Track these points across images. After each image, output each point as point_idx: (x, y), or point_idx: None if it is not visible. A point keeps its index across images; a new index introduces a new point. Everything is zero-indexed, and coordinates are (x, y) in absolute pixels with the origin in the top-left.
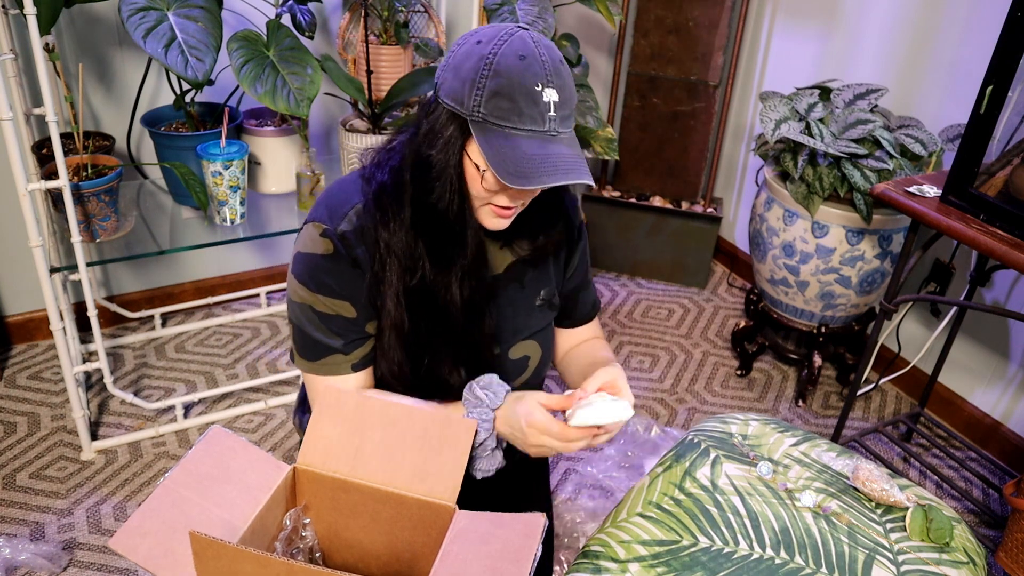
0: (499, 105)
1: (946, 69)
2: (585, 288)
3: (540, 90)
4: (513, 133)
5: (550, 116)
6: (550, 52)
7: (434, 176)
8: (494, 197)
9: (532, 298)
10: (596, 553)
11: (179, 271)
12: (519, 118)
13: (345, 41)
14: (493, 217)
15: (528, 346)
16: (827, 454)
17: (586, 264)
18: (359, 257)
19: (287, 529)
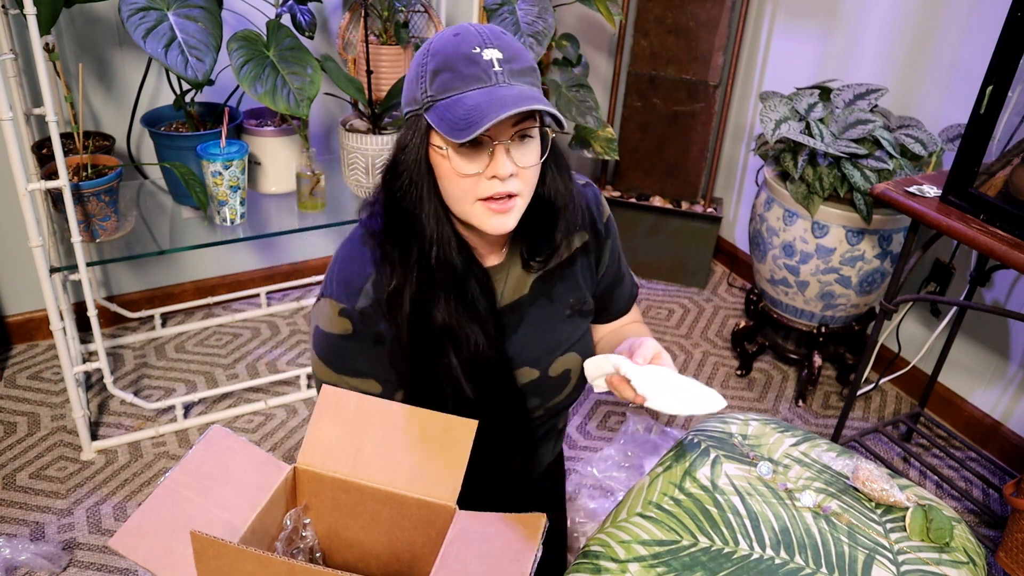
0: (442, 80)
1: (946, 69)
2: (619, 284)
3: (478, 52)
4: (460, 96)
5: (495, 71)
6: (489, 27)
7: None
8: (478, 187)
9: (562, 310)
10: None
11: (179, 271)
12: (462, 81)
13: (345, 41)
14: (489, 216)
15: (567, 359)
16: (827, 454)
17: (617, 259)
18: (382, 331)
19: (287, 529)
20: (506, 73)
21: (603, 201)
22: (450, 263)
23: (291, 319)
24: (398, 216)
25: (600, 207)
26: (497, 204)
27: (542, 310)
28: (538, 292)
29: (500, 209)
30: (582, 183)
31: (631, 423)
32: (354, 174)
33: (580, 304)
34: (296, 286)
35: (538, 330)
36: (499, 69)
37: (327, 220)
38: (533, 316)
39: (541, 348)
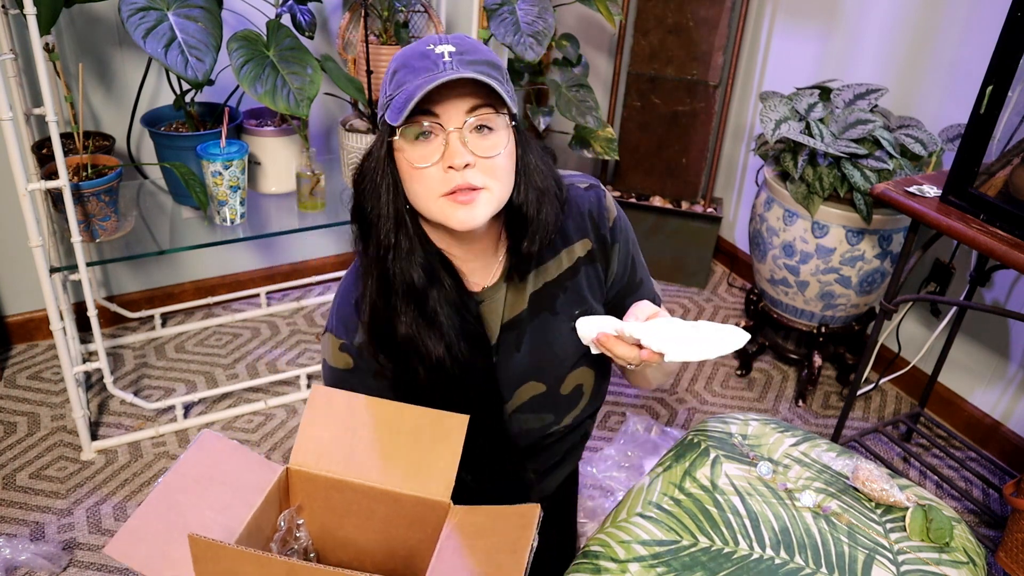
0: (397, 79)
1: (946, 69)
2: (633, 292)
3: (432, 48)
4: (407, 87)
5: (444, 61)
6: (460, 35)
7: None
8: (438, 183)
9: (567, 322)
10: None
11: (179, 271)
12: (413, 74)
13: (345, 41)
14: (455, 209)
15: (580, 375)
16: (827, 454)
17: (631, 266)
18: (382, 364)
19: (281, 530)
20: (456, 63)
21: (608, 205)
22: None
23: (291, 319)
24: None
25: (604, 211)
26: (462, 196)
27: (545, 323)
28: (538, 306)
29: (464, 201)
30: (584, 186)
31: (631, 423)
32: None
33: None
34: (296, 286)
35: (540, 344)
36: (448, 60)
37: (327, 220)
38: (534, 330)
39: (547, 362)
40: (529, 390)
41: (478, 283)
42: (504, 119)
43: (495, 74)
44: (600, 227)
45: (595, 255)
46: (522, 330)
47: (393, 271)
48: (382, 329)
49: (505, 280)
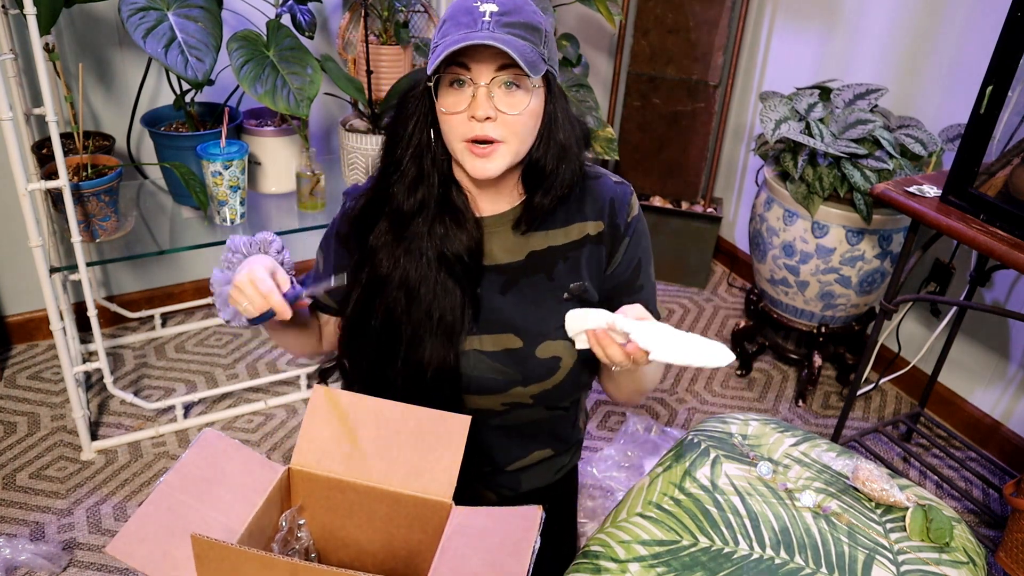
0: (443, 31)
1: (946, 69)
2: (632, 294)
3: (477, 5)
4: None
5: (484, 20)
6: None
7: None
8: (463, 128)
9: (560, 291)
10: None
11: (179, 271)
12: (455, 28)
13: (345, 41)
14: (473, 159)
15: (558, 346)
16: (827, 454)
17: (637, 266)
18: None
19: (283, 530)
20: (494, 24)
21: (633, 203)
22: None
23: None
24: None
25: (627, 206)
26: (479, 148)
27: (539, 283)
28: (536, 265)
29: (481, 152)
30: (616, 180)
31: (631, 423)
32: (354, 174)
33: (580, 291)
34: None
35: (529, 301)
36: (488, 20)
37: (327, 220)
38: (526, 286)
39: (529, 320)
40: (505, 341)
41: (487, 210)
42: (533, 79)
43: (531, 37)
44: (617, 216)
45: (604, 239)
46: (512, 278)
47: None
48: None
49: (512, 226)
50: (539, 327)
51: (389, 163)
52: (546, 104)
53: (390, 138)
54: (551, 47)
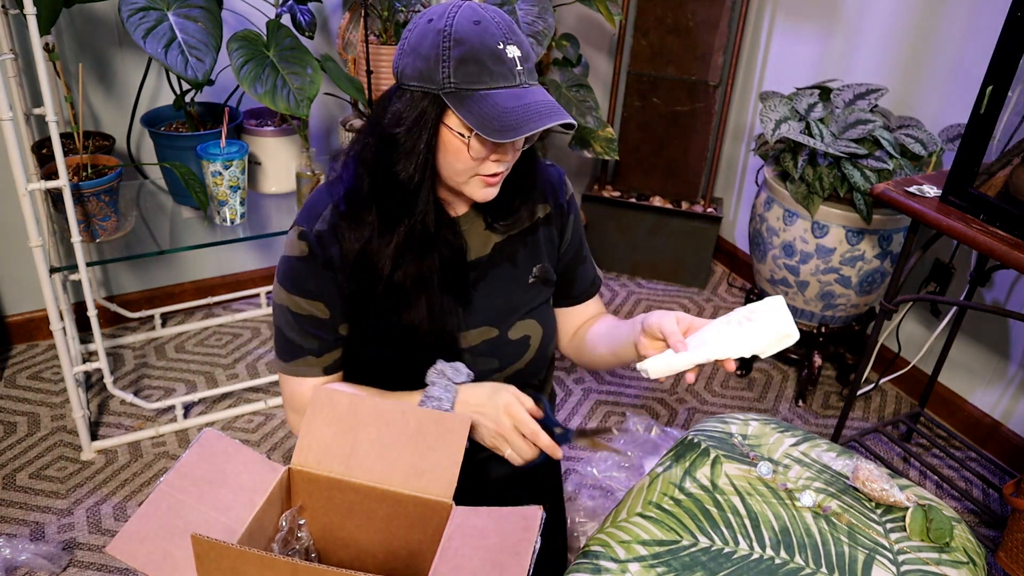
0: (468, 71)
1: (946, 69)
2: (582, 263)
3: (502, 48)
4: (488, 93)
5: (518, 70)
6: (500, 14)
7: (401, 153)
8: (481, 166)
9: (525, 275)
10: (596, 553)
11: (179, 271)
12: (490, 78)
13: (345, 41)
14: (482, 187)
15: (527, 325)
16: (827, 454)
17: (580, 238)
18: (333, 256)
19: (283, 531)
20: (525, 72)
21: (567, 182)
22: (427, 231)
23: None
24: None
25: (564, 185)
26: (493, 179)
27: (505, 272)
28: (500, 255)
29: (494, 183)
30: (547, 164)
31: (631, 423)
32: None
33: (544, 272)
34: None
35: (499, 291)
36: (520, 68)
37: None
38: (495, 277)
39: (501, 309)
40: (482, 334)
41: (454, 211)
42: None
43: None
44: (559, 196)
45: (552, 219)
46: (481, 273)
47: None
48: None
49: (474, 217)
50: (509, 313)
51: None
52: None
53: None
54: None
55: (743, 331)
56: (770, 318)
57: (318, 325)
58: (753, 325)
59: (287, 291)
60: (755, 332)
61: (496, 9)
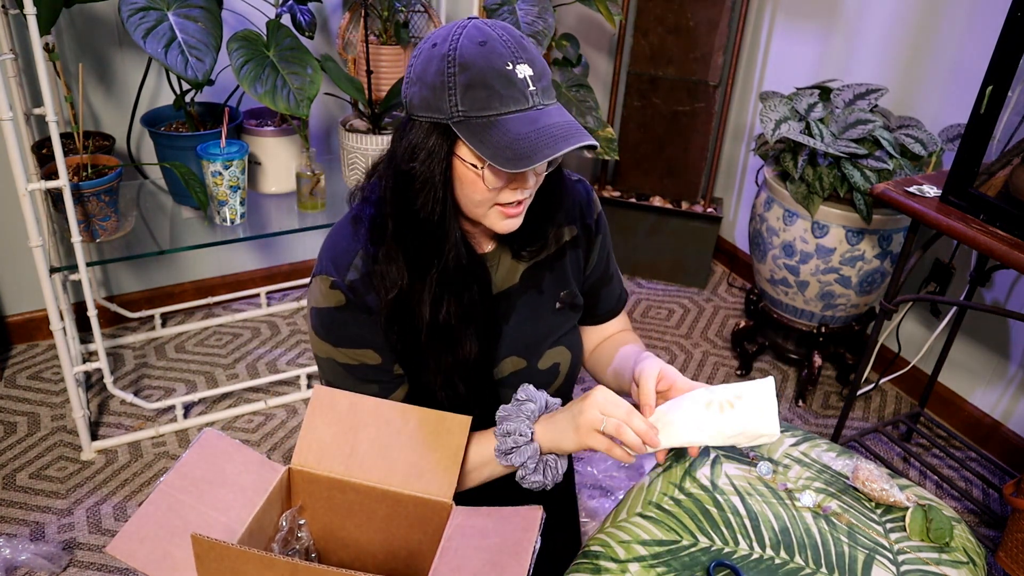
0: (476, 97)
1: (946, 69)
2: (607, 283)
3: (511, 68)
4: (498, 119)
5: (530, 91)
6: (508, 31)
7: (417, 188)
8: (499, 195)
9: (552, 302)
10: (596, 553)
11: (179, 271)
12: (500, 102)
13: (345, 41)
14: (503, 219)
15: (557, 353)
16: (827, 454)
17: (607, 257)
18: (370, 304)
19: (283, 530)
20: (539, 92)
21: (595, 198)
22: (460, 266)
23: (291, 319)
24: (410, 223)
25: (591, 204)
26: (513, 209)
27: (532, 300)
28: (528, 283)
29: (515, 213)
30: (574, 179)
31: None
32: (354, 174)
33: (571, 297)
34: (296, 286)
35: (528, 320)
36: (533, 88)
37: (327, 220)
38: (523, 306)
39: (530, 338)
40: (511, 364)
41: (478, 247)
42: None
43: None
44: (586, 217)
45: (579, 242)
46: (511, 303)
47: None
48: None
49: (501, 251)
50: (538, 342)
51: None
52: None
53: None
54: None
55: (722, 418)
56: (754, 410)
57: (373, 372)
58: (734, 414)
59: (331, 344)
60: (733, 423)
61: (504, 25)
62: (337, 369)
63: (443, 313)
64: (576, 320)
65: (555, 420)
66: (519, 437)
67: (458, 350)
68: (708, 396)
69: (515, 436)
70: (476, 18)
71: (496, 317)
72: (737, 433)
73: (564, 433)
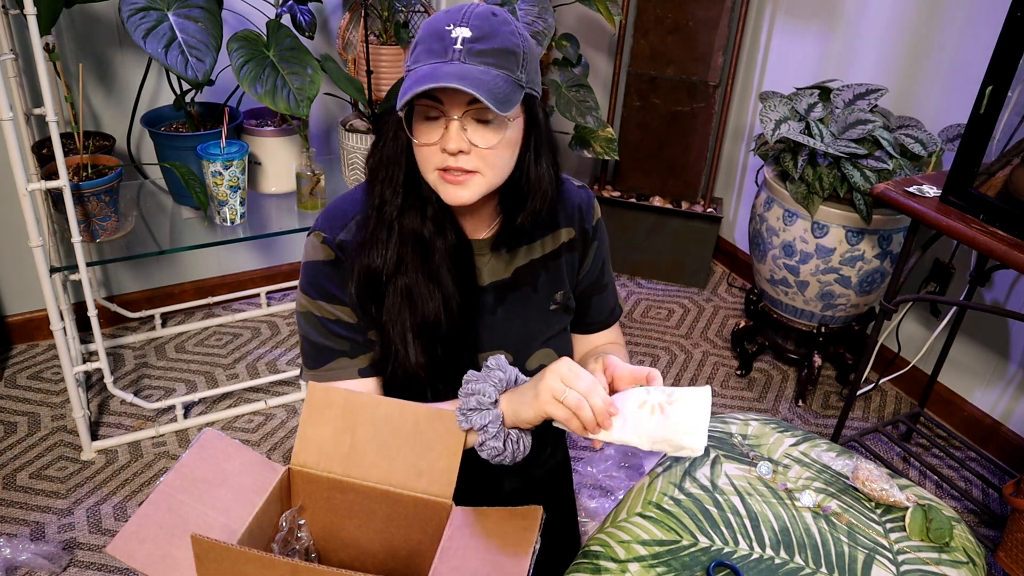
0: (415, 55)
1: (946, 69)
2: (600, 292)
3: (449, 29)
4: (413, 69)
5: (455, 48)
6: (486, 7)
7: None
8: (433, 158)
9: (546, 302)
10: (596, 553)
11: (179, 271)
12: (426, 55)
13: (345, 41)
14: (444, 186)
15: (544, 354)
16: (827, 454)
17: (601, 266)
18: (356, 266)
19: (283, 531)
20: (466, 52)
21: (595, 206)
22: (415, 229)
23: (291, 319)
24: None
25: (591, 210)
26: (451, 176)
27: (525, 297)
28: (522, 279)
29: (453, 180)
30: (577, 185)
31: None
32: (354, 174)
33: (565, 300)
34: (296, 286)
35: (518, 316)
36: (460, 48)
37: None
38: (514, 301)
39: (518, 335)
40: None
41: (471, 234)
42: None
43: (506, 64)
44: (585, 222)
45: (576, 245)
46: (502, 296)
47: (402, 223)
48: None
49: (493, 245)
50: (528, 341)
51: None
52: (525, 130)
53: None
54: (531, 68)
55: (651, 421)
56: (683, 419)
57: (347, 327)
58: (662, 419)
59: (311, 296)
60: (660, 428)
61: (490, 6)
62: (313, 321)
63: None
64: (567, 323)
65: (518, 391)
66: (483, 398)
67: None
68: (644, 396)
69: (478, 396)
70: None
71: (480, 305)
72: (661, 439)
73: (525, 401)
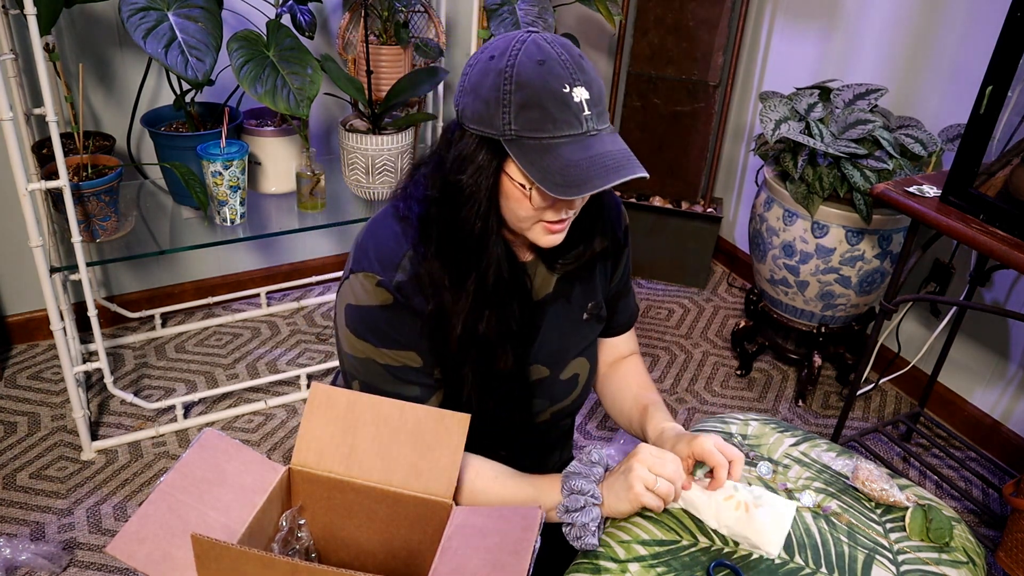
0: (530, 117)
1: (946, 69)
2: (626, 295)
3: (568, 91)
4: (551, 143)
5: (585, 116)
6: (567, 50)
7: (462, 200)
8: (544, 213)
9: (579, 313)
10: (596, 553)
11: (179, 271)
12: (554, 125)
13: (345, 41)
14: (546, 234)
15: (577, 364)
16: (827, 454)
17: (629, 270)
18: (417, 306)
19: (283, 531)
20: (594, 117)
21: (623, 211)
22: (500, 279)
23: (291, 319)
24: (455, 237)
25: (620, 216)
26: (558, 225)
27: (561, 310)
28: (559, 292)
29: (559, 229)
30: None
31: None
32: (354, 174)
33: (597, 309)
34: (296, 286)
35: (556, 330)
36: (588, 113)
37: (327, 220)
38: (552, 316)
39: (556, 348)
40: (535, 372)
41: (519, 255)
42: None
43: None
44: (616, 229)
45: (608, 254)
46: (543, 312)
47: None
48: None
49: (537, 260)
50: (563, 352)
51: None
52: None
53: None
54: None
55: (735, 515)
56: (766, 524)
57: (414, 374)
58: (747, 517)
59: (371, 343)
60: (742, 524)
61: (564, 43)
62: (377, 369)
63: (482, 326)
64: (599, 331)
65: (610, 484)
66: (591, 498)
67: (494, 362)
68: (731, 491)
69: (588, 496)
70: (536, 31)
71: (532, 326)
72: (739, 534)
73: (618, 495)
